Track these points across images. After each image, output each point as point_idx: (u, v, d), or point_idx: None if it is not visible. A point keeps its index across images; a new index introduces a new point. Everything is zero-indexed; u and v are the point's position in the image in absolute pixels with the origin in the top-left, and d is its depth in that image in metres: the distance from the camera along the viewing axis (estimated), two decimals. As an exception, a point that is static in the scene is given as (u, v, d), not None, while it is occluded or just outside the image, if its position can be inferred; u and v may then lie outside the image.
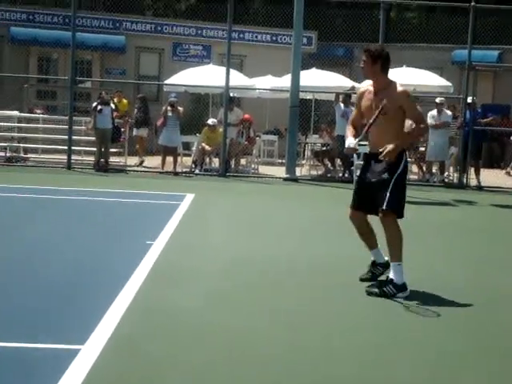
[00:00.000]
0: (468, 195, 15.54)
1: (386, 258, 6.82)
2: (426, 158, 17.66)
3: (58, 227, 9.34)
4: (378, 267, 6.98)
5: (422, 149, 18.00)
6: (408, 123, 6.88)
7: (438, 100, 17.45)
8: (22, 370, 4.36)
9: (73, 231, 9.12)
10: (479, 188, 16.99)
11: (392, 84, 6.69)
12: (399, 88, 6.62)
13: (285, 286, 6.77)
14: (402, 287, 6.41)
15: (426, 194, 15.34)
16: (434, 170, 17.89)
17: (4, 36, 23.18)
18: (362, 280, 6.91)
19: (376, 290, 6.51)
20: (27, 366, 4.44)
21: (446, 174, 18.02)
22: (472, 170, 17.30)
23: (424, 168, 18.02)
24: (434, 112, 17.32)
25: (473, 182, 17.25)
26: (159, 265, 7.24)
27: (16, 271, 6.85)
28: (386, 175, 6.49)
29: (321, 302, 6.31)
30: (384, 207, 6.43)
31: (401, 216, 6.55)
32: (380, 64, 6.69)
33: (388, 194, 6.42)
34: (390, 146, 6.35)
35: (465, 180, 17.14)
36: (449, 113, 17.51)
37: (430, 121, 17.32)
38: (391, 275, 6.48)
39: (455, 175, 17.78)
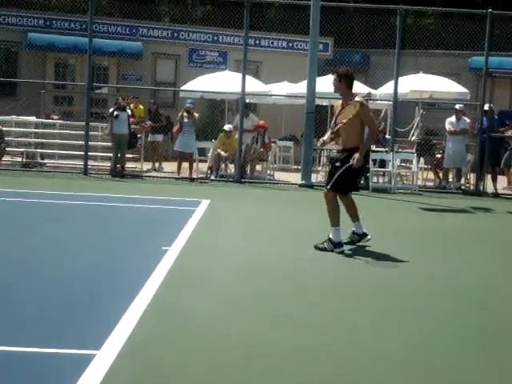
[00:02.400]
0: (484, 202, 15.45)
1: (364, 230, 8.94)
2: (443, 164, 17.58)
3: (74, 232, 9.36)
4: (355, 235, 9.00)
5: (439, 155, 17.93)
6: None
7: (457, 107, 17.37)
8: (39, 374, 4.37)
9: (89, 236, 9.15)
10: (496, 195, 16.89)
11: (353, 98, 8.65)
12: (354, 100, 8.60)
13: (299, 291, 6.76)
14: (337, 244, 8.46)
15: (443, 200, 15.29)
16: (450, 177, 17.82)
17: (21, 42, 23.33)
18: (344, 243, 8.67)
19: (320, 246, 8.55)
20: (44, 371, 4.44)
21: (463, 180, 17.92)
22: (489, 177, 17.22)
23: (441, 175, 17.94)
24: (453, 118, 17.25)
25: (489, 189, 17.15)
26: (175, 271, 7.23)
27: (32, 276, 6.87)
28: (338, 163, 8.61)
29: (334, 307, 6.28)
30: (328, 187, 8.65)
31: (337, 192, 8.64)
32: (344, 82, 8.74)
33: (334, 179, 8.56)
34: (357, 156, 8.46)
35: (481, 187, 17.05)
36: (467, 120, 17.43)
37: (448, 127, 17.28)
38: (330, 235, 8.48)
39: (472, 182, 17.69)
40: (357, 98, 8.67)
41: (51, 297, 6.14)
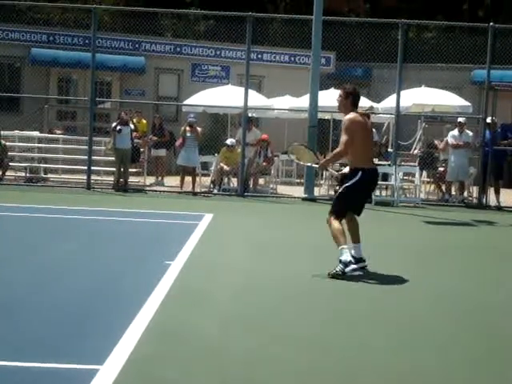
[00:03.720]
0: (487, 215, 15.43)
1: (362, 256, 8.18)
2: (445, 177, 17.59)
3: (77, 247, 9.37)
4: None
5: (441, 169, 17.93)
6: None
7: (460, 119, 17.41)
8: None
9: (91, 251, 9.15)
10: (499, 208, 16.88)
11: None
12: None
13: (301, 308, 6.74)
14: (348, 263, 7.93)
15: (446, 214, 15.27)
16: (453, 191, 17.81)
17: (25, 57, 23.43)
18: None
19: (332, 272, 7.89)
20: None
21: (466, 193, 17.91)
22: (492, 190, 17.21)
23: (443, 188, 17.94)
24: (455, 132, 17.28)
25: (492, 202, 17.13)
26: (177, 286, 7.23)
27: (35, 291, 6.87)
28: (338, 188, 8.53)
29: (336, 325, 6.26)
30: (329, 211, 8.23)
31: (339, 217, 8.09)
32: (350, 99, 8.19)
33: (333, 202, 8.34)
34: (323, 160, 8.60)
35: (484, 200, 17.03)
36: (470, 133, 17.45)
37: (450, 140, 17.30)
38: (339, 257, 7.92)
39: (475, 195, 17.68)
40: (348, 115, 8.11)
41: (53, 311, 6.13)
